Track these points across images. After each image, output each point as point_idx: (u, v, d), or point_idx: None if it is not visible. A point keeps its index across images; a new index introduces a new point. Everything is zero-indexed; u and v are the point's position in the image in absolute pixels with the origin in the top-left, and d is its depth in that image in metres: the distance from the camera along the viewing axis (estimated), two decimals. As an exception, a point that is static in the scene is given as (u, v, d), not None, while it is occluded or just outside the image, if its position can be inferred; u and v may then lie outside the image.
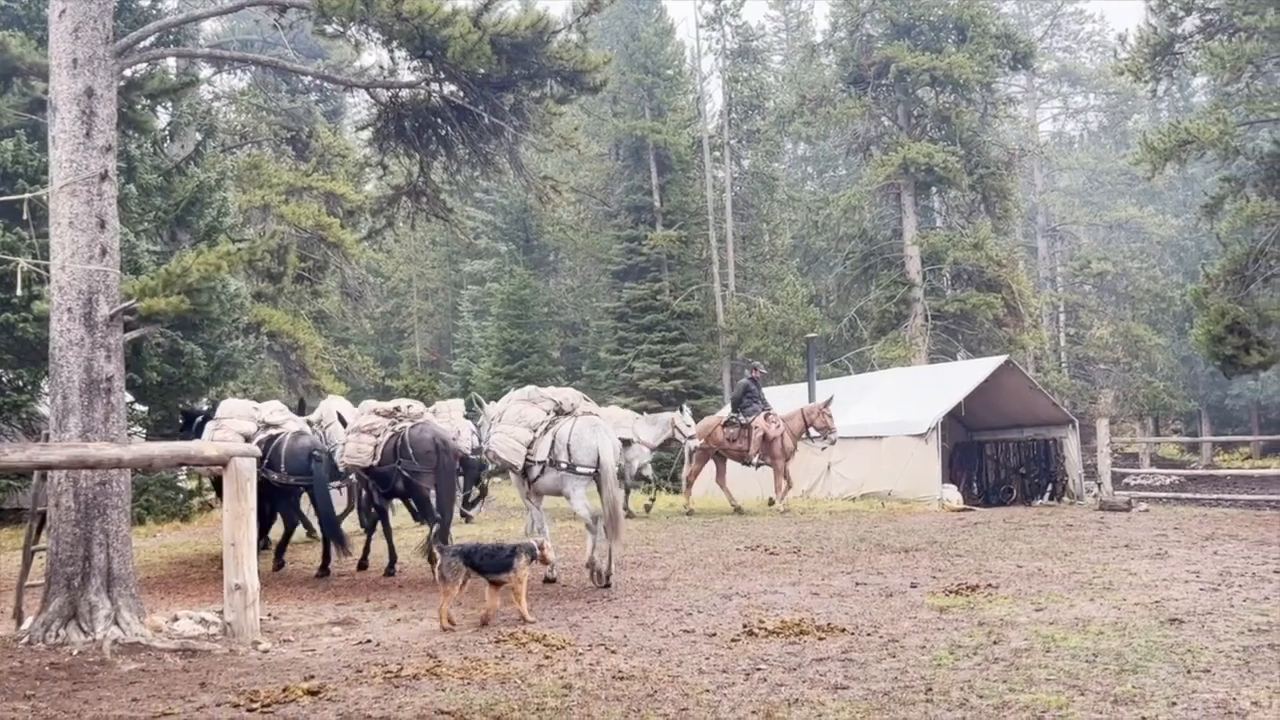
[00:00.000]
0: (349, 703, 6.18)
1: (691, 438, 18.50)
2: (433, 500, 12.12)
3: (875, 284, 36.38)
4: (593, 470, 10.60)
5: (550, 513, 12.47)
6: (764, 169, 43.38)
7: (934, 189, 35.42)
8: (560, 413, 11.12)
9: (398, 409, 12.35)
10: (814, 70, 38.31)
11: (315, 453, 12.62)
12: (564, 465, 10.67)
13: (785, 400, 22.00)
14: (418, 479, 11.71)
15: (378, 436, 11.99)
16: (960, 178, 32.31)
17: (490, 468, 13.12)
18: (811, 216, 38.25)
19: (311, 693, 6.39)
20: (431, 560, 8.75)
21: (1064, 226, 46.36)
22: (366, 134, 13.63)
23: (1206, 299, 19.68)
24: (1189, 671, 6.42)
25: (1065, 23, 53.77)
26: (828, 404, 18.99)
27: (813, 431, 18.80)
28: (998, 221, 34.89)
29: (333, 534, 12.25)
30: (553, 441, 10.79)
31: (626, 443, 17.69)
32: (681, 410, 18.81)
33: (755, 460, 18.87)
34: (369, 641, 8.12)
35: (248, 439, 12.45)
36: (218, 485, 14.01)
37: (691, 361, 38.03)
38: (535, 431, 10.97)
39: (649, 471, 18.97)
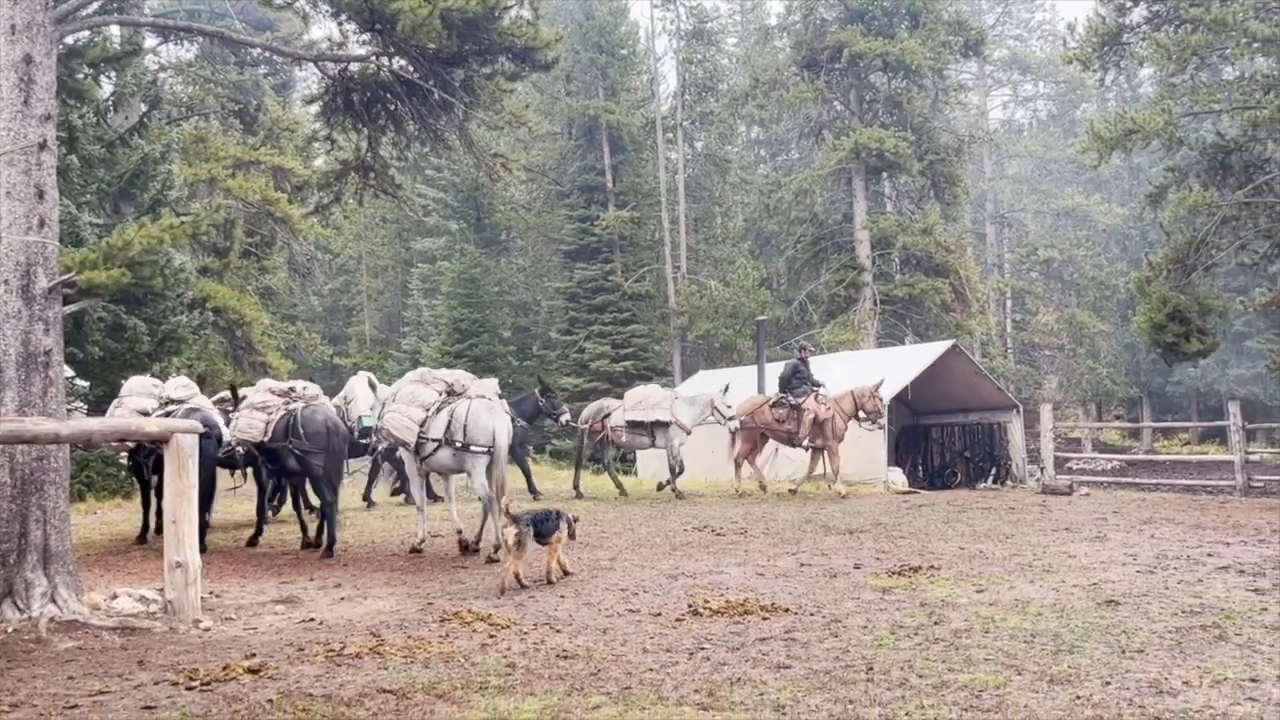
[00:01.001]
0: (290, 681, 6.14)
1: (732, 418, 17.82)
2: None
3: (825, 268, 36.58)
4: (488, 449, 11.04)
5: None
6: (717, 151, 43.42)
7: (885, 174, 35.65)
8: (452, 393, 11.62)
9: (292, 389, 12.79)
10: (767, 53, 38.38)
11: (207, 430, 12.53)
12: (459, 444, 11.10)
13: (736, 382, 22.06)
14: (309, 458, 12.03)
15: (270, 414, 12.34)
16: (911, 163, 32.54)
17: (382, 446, 13.23)
18: (763, 200, 38.33)
19: (252, 671, 6.34)
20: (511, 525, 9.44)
21: (1012, 213, 46.91)
22: (315, 108, 13.44)
23: (1149, 287, 19.99)
24: (1123, 652, 6.53)
25: (1016, 11, 54.34)
26: (878, 386, 18.50)
27: (862, 415, 18.25)
28: (947, 208, 35.22)
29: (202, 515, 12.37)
30: (449, 421, 11.22)
31: (664, 425, 17.79)
32: (724, 391, 18.21)
33: (806, 443, 18.29)
34: (312, 620, 8.06)
35: (145, 415, 12.43)
36: (137, 469, 13.97)
37: (642, 343, 38.08)
38: (428, 411, 11.45)
39: (677, 455, 18.14)
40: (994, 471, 21.63)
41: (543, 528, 9.43)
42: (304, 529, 12.96)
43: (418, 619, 7.97)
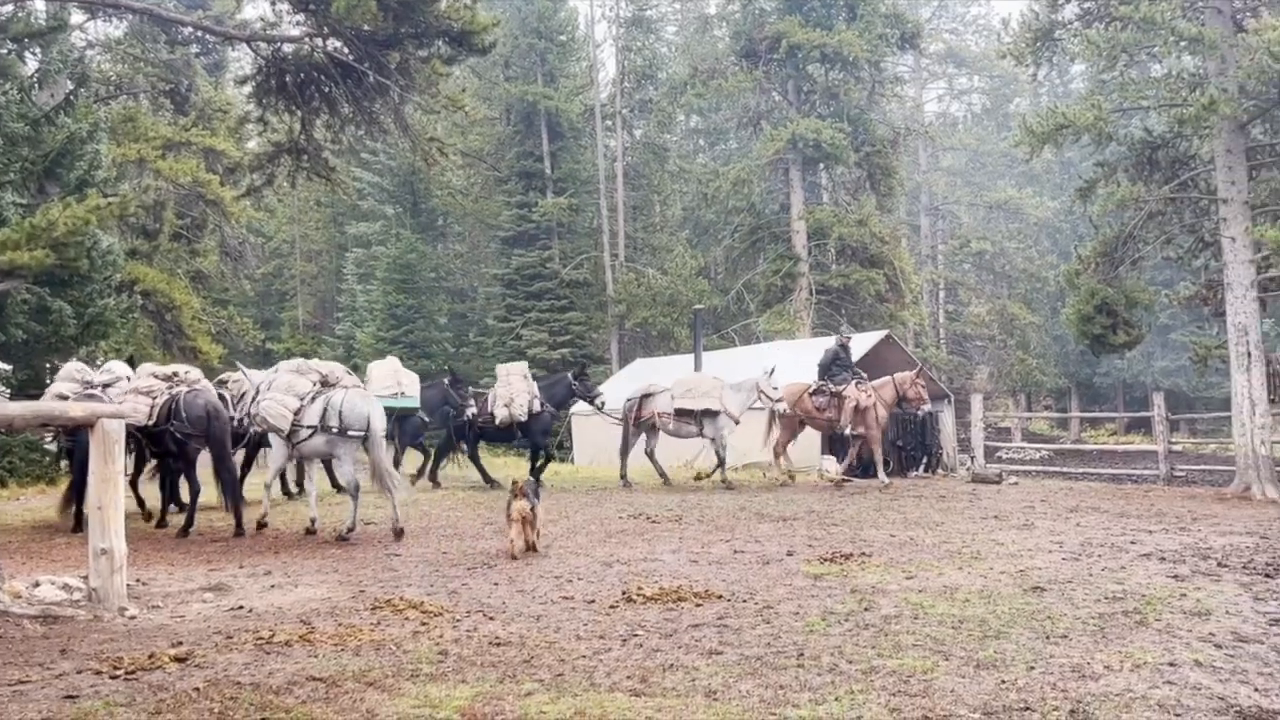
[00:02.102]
0: (218, 669, 6.06)
1: (779, 400, 17.63)
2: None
3: (762, 257, 36.79)
4: (363, 435, 11.68)
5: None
6: (655, 139, 43.44)
7: (821, 165, 35.90)
8: (325, 384, 12.23)
9: (176, 374, 13.06)
10: (707, 42, 38.47)
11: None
12: (335, 430, 11.70)
13: (675, 370, 22.15)
14: (189, 441, 12.47)
15: (154, 398, 12.67)
16: (847, 155, 32.78)
17: (256, 430, 13.31)
18: (701, 189, 38.43)
19: (179, 659, 6.24)
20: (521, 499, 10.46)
21: (946, 206, 47.50)
22: (247, 89, 13.24)
23: (1078, 280, 20.35)
24: (1048, 637, 6.66)
25: (952, 5, 54.96)
26: (919, 372, 18.41)
27: (905, 402, 18.22)
28: (882, 199, 35.53)
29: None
30: (325, 409, 11.82)
31: (714, 413, 17.67)
32: (769, 373, 17.95)
33: (848, 430, 18.11)
34: (241, 608, 7.96)
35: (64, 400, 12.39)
36: (70, 453, 13.87)
37: (580, 330, 38.03)
38: (303, 400, 12.00)
39: (725, 444, 18.08)
40: (925, 460, 21.91)
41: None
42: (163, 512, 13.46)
43: (349, 607, 7.89)
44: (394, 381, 17.20)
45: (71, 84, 20.15)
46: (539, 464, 18.55)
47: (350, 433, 11.68)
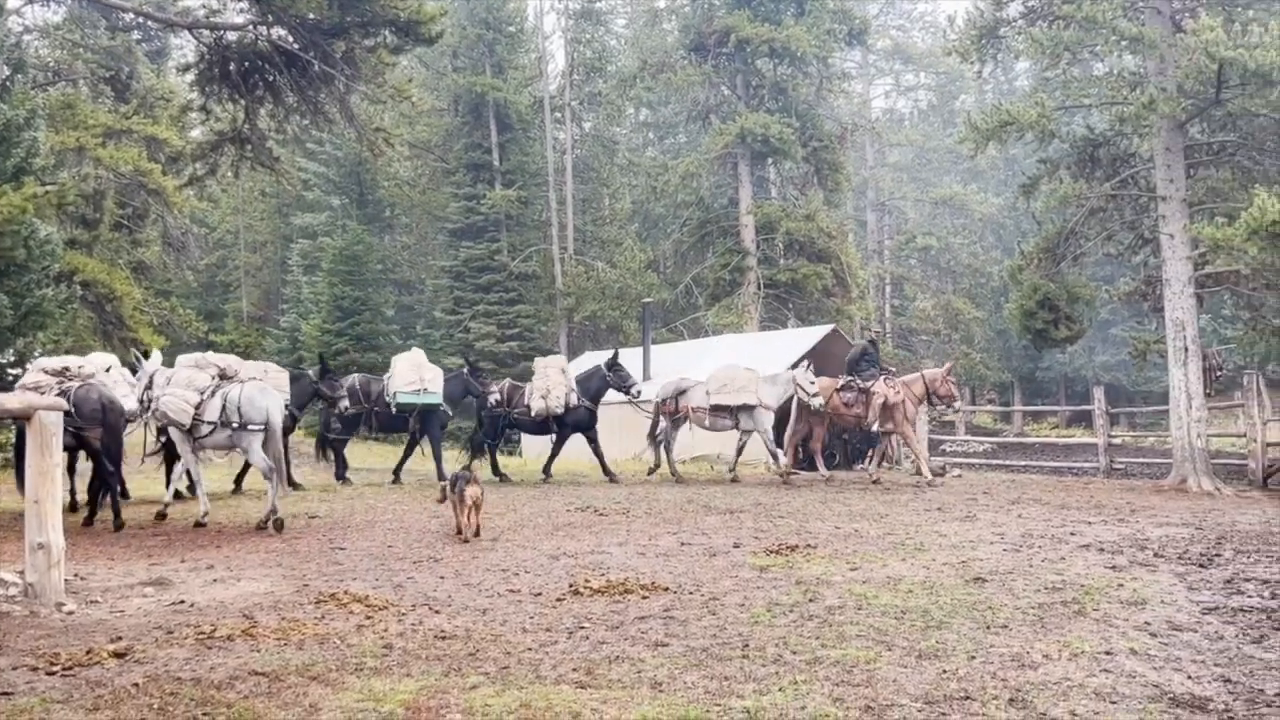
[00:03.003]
0: (158, 664, 5.97)
1: (816, 395, 17.31)
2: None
3: (711, 251, 36.87)
4: (263, 428, 11.89)
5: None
6: (605, 132, 43.40)
7: (770, 160, 36.01)
8: (224, 377, 12.42)
9: (67, 369, 12.92)
10: (656, 35, 38.48)
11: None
12: (235, 424, 11.92)
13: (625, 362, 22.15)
14: (85, 434, 12.33)
15: (43, 394, 12.31)
16: (795, 150, 32.92)
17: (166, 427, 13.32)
18: (651, 182, 38.45)
19: (118, 655, 6.15)
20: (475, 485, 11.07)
21: (892, 201, 47.87)
22: (190, 76, 13.05)
23: (1021, 275, 20.65)
24: (989, 627, 6.76)
25: (899, 1, 55.39)
26: (949, 370, 18.29)
27: (935, 399, 18.02)
28: (829, 194, 35.75)
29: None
30: (224, 404, 11.99)
31: (750, 408, 17.49)
32: (807, 367, 17.80)
33: (876, 427, 17.84)
34: (182, 602, 7.85)
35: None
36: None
37: (529, 323, 37.91)
38: (203, 394, 12.17)
39: (770, 436, 17.89)
40: (870, 453, 22.08)
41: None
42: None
43: (293, 600, 7.82)
44: (416, 377, 17.32)
45: (8, 70, 19.68)
46: (598, 455, 18.42)
47: (250, 427, 11.86)
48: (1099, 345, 40.86)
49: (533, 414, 17.93)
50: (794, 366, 18.68)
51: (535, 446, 24.99)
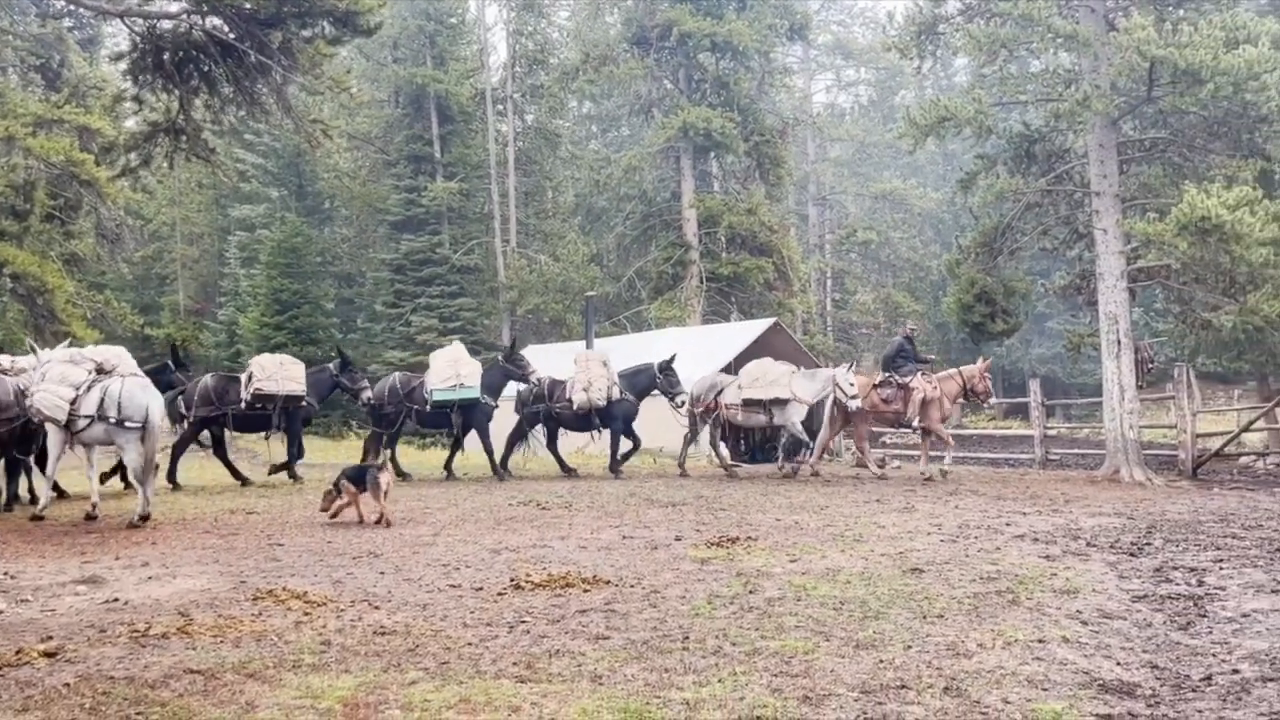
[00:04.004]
0: (90, 664, 5.87)
1: (854, 397, 17.04)
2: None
3: (654, 245, 36.91)
4: (141, 425, 11.73)
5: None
6: (547, 125, 43.24)
7: (712, 154, 36.13)
8: (101, 371, 12.15)
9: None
10: (599, 28, 38.40)
11: None
12: (113, 420, 11.73)
13: (567, 357, 22.10)
14: None
15: None
16: (737, 144, 33.05)
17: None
18: (594, 175, 38.41)
19: (49, 654, 6.03)
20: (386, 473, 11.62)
21: (833, 196, 48.23)
22: (123, 65, 12.80)
23: (959, 269, 20.90)
24: (925, 617, 6.85)
25: (840, -3, 55.71)
26: (987, 366, 18.11)
27: (971, 395, 17.87)
28: (771, 188, 35.93)
29: None
30: (102, 398, 11.80)
31: (783, 401, 17.33)
32: (851, 366, 17.62)
33: (915, 424, 17.59)
34: (116, 600, 7.71)
35: None
36: None
37: (471, 317, 37.75)
38: (78, 390, 11.93)
39: (800, 431, 17.74)
40: (812, 446, 22.22)
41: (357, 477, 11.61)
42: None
43: (229, 597, 7.72)
44: (453, 373, 17.19)
45: (-67, 57, 19.24)
46: (628, 451, 18.35)
47: (128, 423, 11.72)
48: (1035, 338, 41.55)
49: (575, 407, 17.82)
50: (733, 363, 18.80)
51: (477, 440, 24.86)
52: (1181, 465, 18.45)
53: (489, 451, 17.83)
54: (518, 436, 18.72)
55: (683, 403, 18.36)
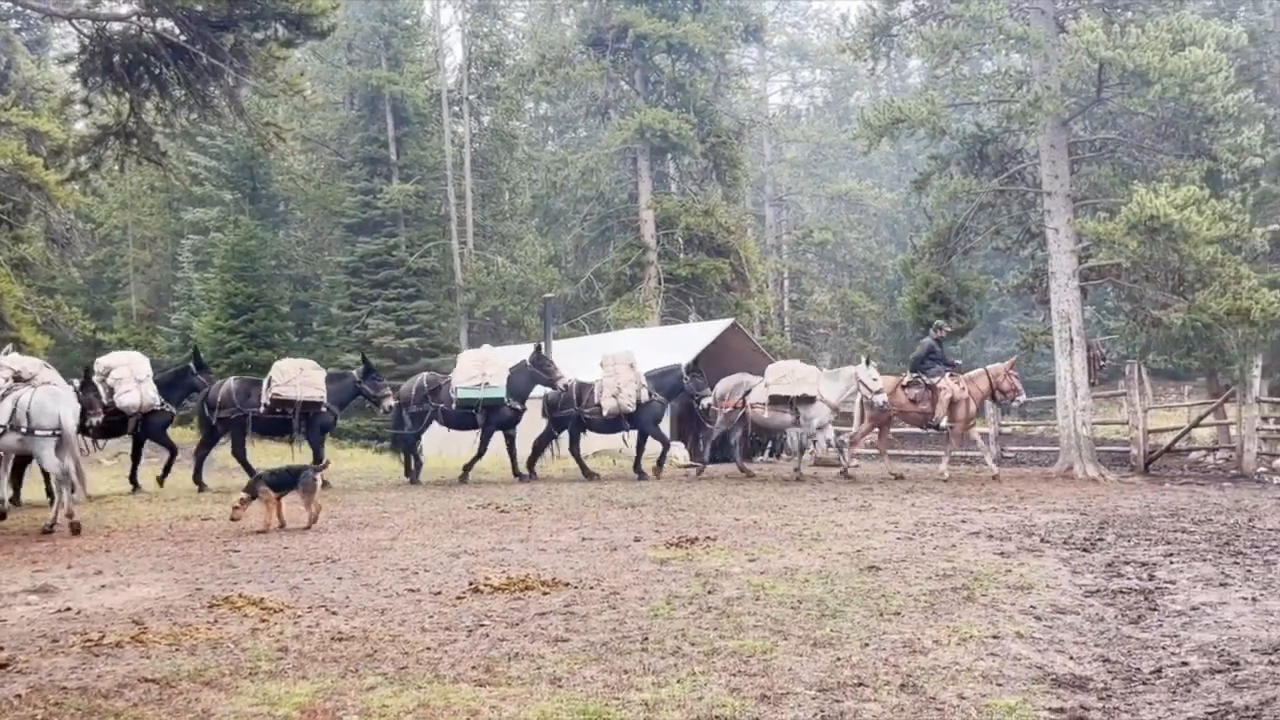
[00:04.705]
0: (42, 674, 5.81)
1: (879, 392, 16.95)
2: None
3: (612, 246, 36.88)
4: (53, 433, 11.68)
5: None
6: (504, 127, 43.09)
7: (669, 155, 36.13)
8: (19, 380, 12.22)
9: None
10: (554, 30, 38.34)
11: None
12: (24, 430, 11.72)
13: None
14: None
15: None
16: (693, 145, 33.09)
17: None
18: (550, 177, 38.29)
19: (0, 665, 5.96)
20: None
21: (789, 196, 48.45)
22: (72, 68, 12.64)
23: (914, 269, 21.10)
24: (882, 615, 6.93)
25: (795, -1, 55.92)
26: (1013, 365, 18.08)
27: (999, 395, 17.82)
28: (728, 189, 36.02)
29: None
30: (14, 408, 11.78)
31: (809, 401, 17.21)
32: (867, 363, 17.53)
33: (944, 424, 17.47)
34: (69, 610, 7.62)
35: None
36: None
37: (428, 319, 37.56)
38: None
39: (830, 435, 17.77)
40: (770, 445, 22.36)
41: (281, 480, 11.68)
42: None
43: (185, 605, 7.65)
44: (478, 373, 17.04)
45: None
46: (661, 455, 18.24)
47: (38, 432, 11.68)
48: (990, 336, 41.94)
49: (604, 412, 17.71)
50: (693, 363, 18.82)
51: (434, 444, 24.74)
52: (1134, 461, 18.73)
53: (513, 454, 17.85)
54: (546, 440, 18.58)
55: (708, 406, 18.31)
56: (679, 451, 20.67)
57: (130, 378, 15.73)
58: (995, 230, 21.25)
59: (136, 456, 16.59)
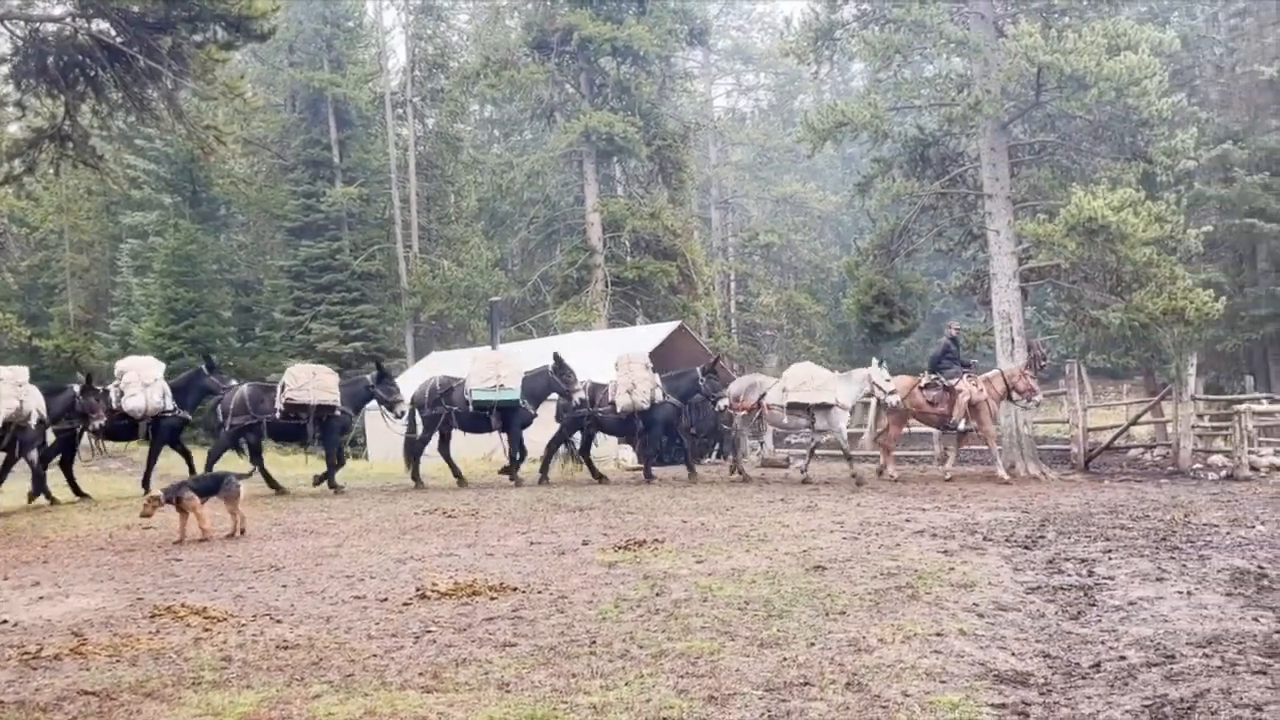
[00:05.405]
0: (-23, 689, 5.70)
1: (893, 393, 16.94)
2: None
3: (559, 249, 36.89)
4: None
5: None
6: (448, 129, 42.92)
7: (615, 158, 36.17)
8: None
9: None
10: (499, 32, 38.18)
11: None
12: None
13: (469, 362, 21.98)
14: None
15: None
16: (639, 148, 33.16)
17: None
18: (496, 180, 38.21)
19: (-67, 681, 5.85)
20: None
21: (735, 199, 48.69)
22: (4, 70, 12.40)
23: (858, 271, 21.33)
24: (827, 614, 6.98)
25: (739, 2, 56.08)
26: (1028, 365, 17.95)
27: (1015, 395, 17.63)
28: (674, 192, 36.11)
29: None
30: None
31: (828, 406, 17.06)
32: (879, 364, 17.46)
33: (961, 425, 17.44)
34: (5, 622, 7.47)
35: None
36: None
37: (373, 323, 37.29)
38: None
39: (843, 438, 17.66)
40: (717, 447, 22.43)
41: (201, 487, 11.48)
42: None
43: (126, 615, 7.54)
44: (493, 375, 16.90)
45: None
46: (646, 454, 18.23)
47: None
48: (933, 337, 42.15)
49: (618, 410, 17.68)
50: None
51: (380, 449, 24.59)
52: (1074, 459, 19.02)
53: (519, 457, 17.79)
54: (559, 442, 18.55)
55: (724, 408, 18.26)
56: (627, 454, 20.69)
57: (137, 382, 15.69)
58: (937, 232, 21.53)
59: (152, 460, 16.52)
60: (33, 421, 14.47)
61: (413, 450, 17.88)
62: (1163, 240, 17.20)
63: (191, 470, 16.05)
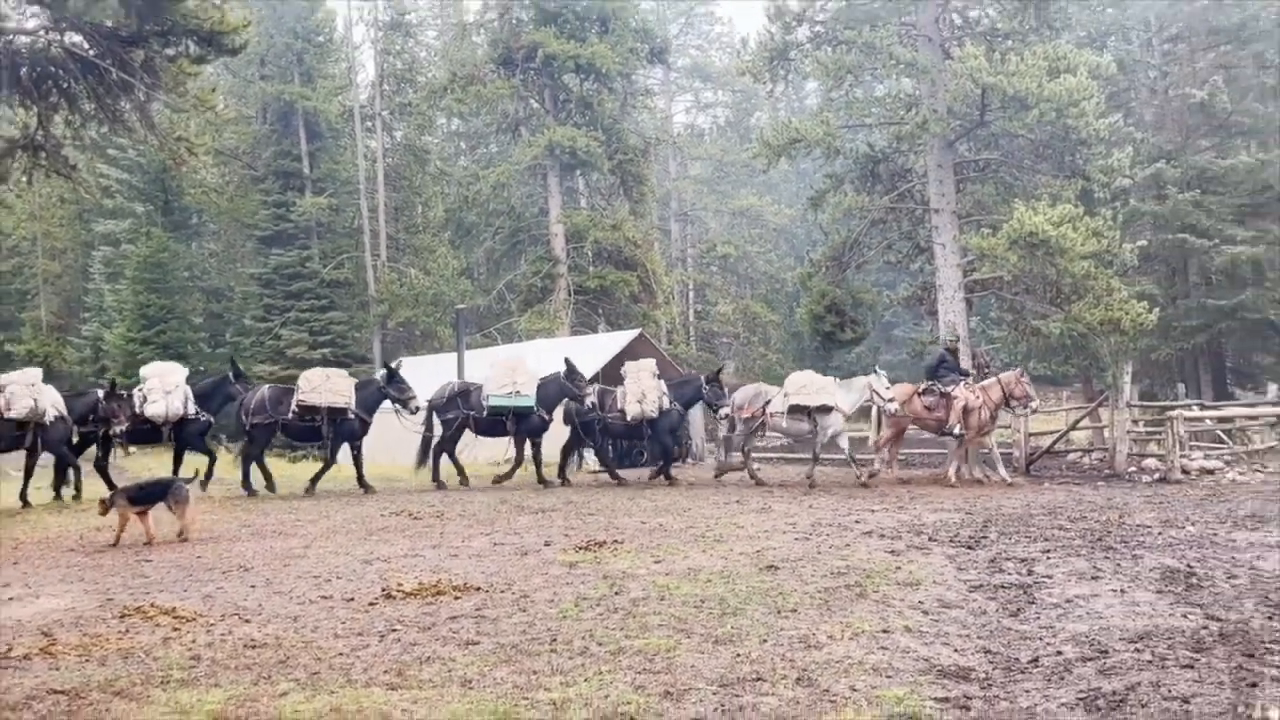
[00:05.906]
0: (-53, 689, 5.75)
1: (891, 400, 17.09)
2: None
3: (523, 259, 37.12)
4: None
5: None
6: (416, 142, 43.06)
7: (578, 171, 36.49)
8: None
9: None
10: (466, 48, 38.40)
11: None
12: None
13: (437, 369, 22.20)
14: None
15: None
16: (602, 162, 33.52)
17: None
18: (463, 191, 38.40)
19: (-98, 681, 5.90)
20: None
21: (694, 212, 49.12)
22: (-24, 81, 12.57)
23: (811, 281, 21.75)
24: (779, 612, 7.21)
25: (698, 23, 56.56)
26: (1023, 373, 17.95)
27: (1012, 401, 17.72)
28: (635, 205, 36.42)
29: None
30: None
31: (826, 410, 17.24)
32: (877, 372, 17.65)
33: (958, 431, 17.54)
34: (-24, 623, 7.52)
35: None
36: None
37: (341, 330, 37.42)
38: None
39: (844, 441, 17.80)
40: (676, 451, 22.73)
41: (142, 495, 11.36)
42: None
43: (95, 616, 7.59)
44: (509, 380, 17.14)
45: None
46: (663, 465, 18.47)
47: None
48: (883, 346, 43.02)
49: (628, 418, 17.85)
50: (600, 373, 19.18)
51: (349, 452, 24.70)
52: (1016, 463, 19.38)
53: (538, 461, 18.00)
54: (573, 447, 18.83)
55: (727, 415, 18.43)
56: (589, 458, 21.03)
57: (159, 389, 15.90)
58: (887, 245, 22.01)
59: (177, 463, 16.65)
60: (49, 419, 14.77)
61: (434, 451, 18.13)
62: (1100, 254, 17.71)
63: (209, 474, 16.48)
